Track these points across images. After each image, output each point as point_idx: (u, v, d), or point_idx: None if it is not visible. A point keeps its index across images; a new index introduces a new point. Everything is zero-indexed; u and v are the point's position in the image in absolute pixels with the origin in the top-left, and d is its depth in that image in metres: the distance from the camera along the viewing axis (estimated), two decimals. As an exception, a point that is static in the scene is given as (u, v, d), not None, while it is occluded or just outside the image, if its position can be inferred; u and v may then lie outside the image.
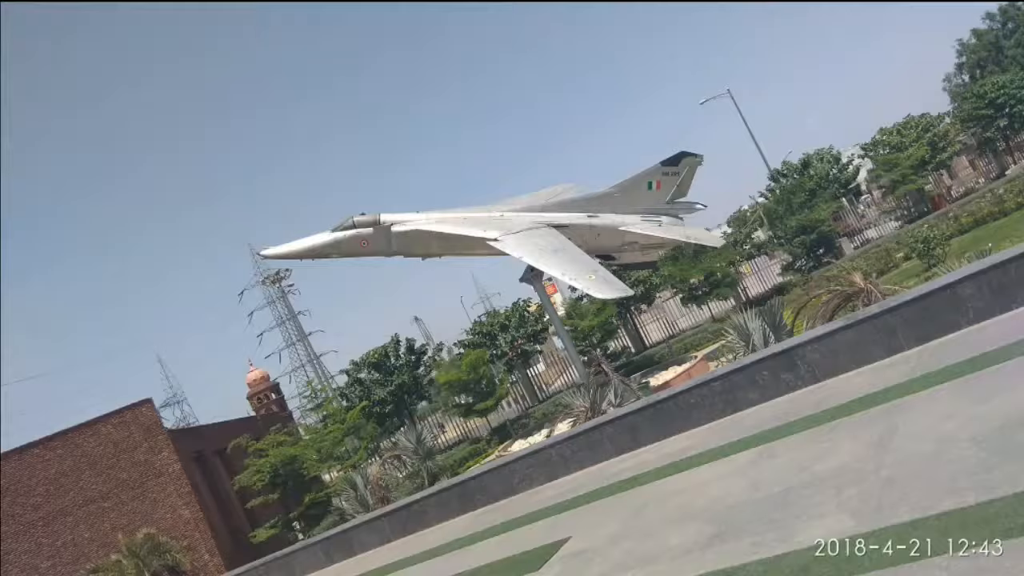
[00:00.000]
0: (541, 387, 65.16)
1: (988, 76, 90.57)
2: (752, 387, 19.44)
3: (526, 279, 35.82)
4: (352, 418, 48.37)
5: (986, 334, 15.70)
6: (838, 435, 14.49)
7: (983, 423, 11.87)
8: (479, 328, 60.05)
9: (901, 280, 38.11)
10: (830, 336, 18.37)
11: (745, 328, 27.25)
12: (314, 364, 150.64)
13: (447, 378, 49.49)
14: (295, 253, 34.07)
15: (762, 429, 17.10)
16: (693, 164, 36.46)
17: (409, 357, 59.92)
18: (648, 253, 37.79)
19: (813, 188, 67.94)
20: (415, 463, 41.01)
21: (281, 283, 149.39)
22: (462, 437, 62.53)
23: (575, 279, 30.48)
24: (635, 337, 63.46)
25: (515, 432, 51.57)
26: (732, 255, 57.58)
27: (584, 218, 35.63)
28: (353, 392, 58.82)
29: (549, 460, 23.65)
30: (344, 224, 33.57)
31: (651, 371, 47.13)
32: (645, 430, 21.50)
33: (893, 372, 16.39)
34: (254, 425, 61.05)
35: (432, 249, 34.91)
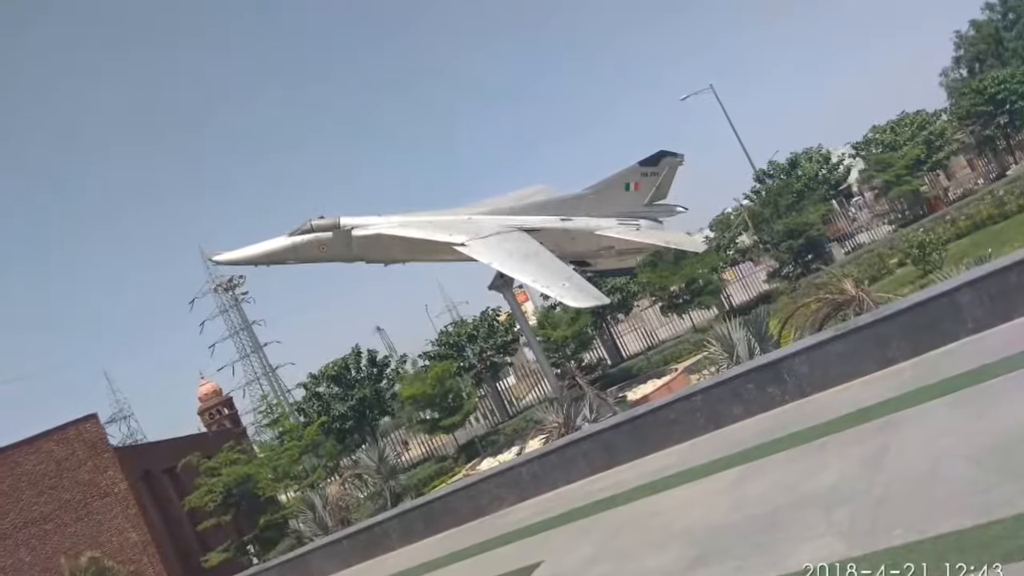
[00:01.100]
0: (511, 402, 65.26)
1: (988, 70, 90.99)
2: (736, 401, 19.41)
3: (495, 286, 35.79)
4: (310, 435, 48.26)
5: (985, 345, 15.68)
6: (828, 453, 14.47)
7: (982, 440, 11.85)
8: (445, 339, 60.02)
9: (895, 288, 38.22)
10: (819, 347, 18.35)
11: (729, 339, 27.26)
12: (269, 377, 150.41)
13: (411, 392, 49.30)
14: (249, 259, 33.92)
15: (747, 446, 17.07)
16: (673, 164, 36.48)
17: (371, 370, 59.82)
18: (625, 259, 37.81)
19: (801, 189, 68.23)
20: (377, 483, 40.90)
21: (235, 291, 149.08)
22: (427, 455, 62.57)
23: (547, 286, 30.47)
24: (611, 348, 63.51)
25: (484, 449, 51.53)
26: (715, 261, 57.65)
27: (557, 221, 35.61)
28: (311, 407, 58.71)
29: (520, 479, 23.57)
30: (302, 228, 33.45)
31: (628, 384, 47.17)
32: (622, 447, 21.45)
33: (886, 385, 16.37)
34: (206, 442, 60.83)
35: (395, 255, 34.84)
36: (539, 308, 64.56)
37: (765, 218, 64.48)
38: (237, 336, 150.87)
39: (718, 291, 57.38)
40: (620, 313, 62.07)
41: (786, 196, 65.13)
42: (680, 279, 53.00)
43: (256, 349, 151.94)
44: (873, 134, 79.94)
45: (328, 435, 53.88)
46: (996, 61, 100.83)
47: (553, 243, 34.21)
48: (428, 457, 61.86)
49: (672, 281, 53.27)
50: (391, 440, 64.80)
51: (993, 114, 76.72)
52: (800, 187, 68.95)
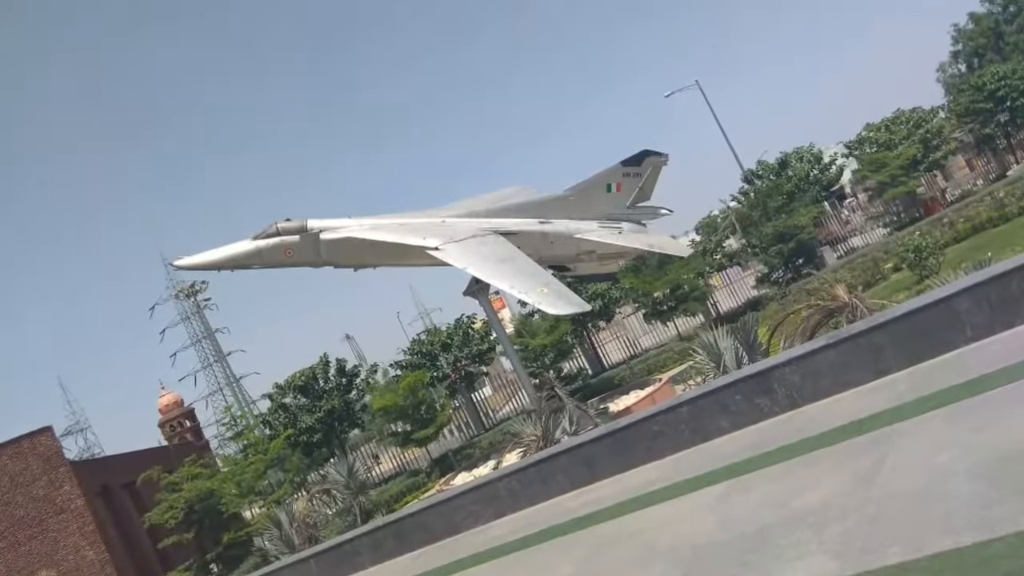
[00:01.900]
0: (487, 413, 65.27)
1: (987, 65, 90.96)
2: (723, 413, 19.36)
3: (470, 292, 35.79)
4: (276, 448, 48.14)
5: (985, 354, 15.61)
6: (819, 467, 14.43)
7: (981, 454, 11.81)
8: (418, 347, 60.03)
9: (890, 294, 38.39)
10: (810, 356, 18.31)
11: (715, 347, 27.27)
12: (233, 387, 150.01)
13: (382, 403, 49.24)
14: (212, 263, 33.85)
15: (734, 460, 17.01)
16: (657, 164, 36.57)
17: (340, 380, 59.73)
18: (607, 263, 37.87)
19: (791, 191, 68.30)
20: (346, 498, 40.89)
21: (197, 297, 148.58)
22: (399, 469, 62.53)
23: (525, 292, 30.43)
24: (592, 357, 63.60)
25: (458, 464, 51.46)
26: (701, 266, 57.73)
27: (535, 224, 35.64)
28: (277, 419, 58.52)
29: (496, 495, 23.49)
30: (267, 231, 33.42)
31: (610, 395, 47.14)
32: (603, 461, 21.38)
33: (881, 396, 16.33)
34: (166, 456, 60.75)
35: (365, 259, 34.81)
36: (516, 315, 64.57)
37: (753, 221, 64.60)
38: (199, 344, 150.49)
39: (704, 297, 57.45)
40: (601, 321, 62.13)
41: (776, 198, 65.17)
42: (664, 285, 53.04)
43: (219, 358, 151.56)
44: (867, 132, 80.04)
45: (295, 448, 53.73)
46: (996, 56, 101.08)
47: (531, 247, 34.23)
48: (400, 472, 61.79)
49: (656, 287, 53.29)
50: (361, 454, 64.67)
51: (993, 111, 76.73)
52: (790, 188, 69.03)
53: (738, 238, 71.40)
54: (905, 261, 44.01)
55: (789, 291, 52.13)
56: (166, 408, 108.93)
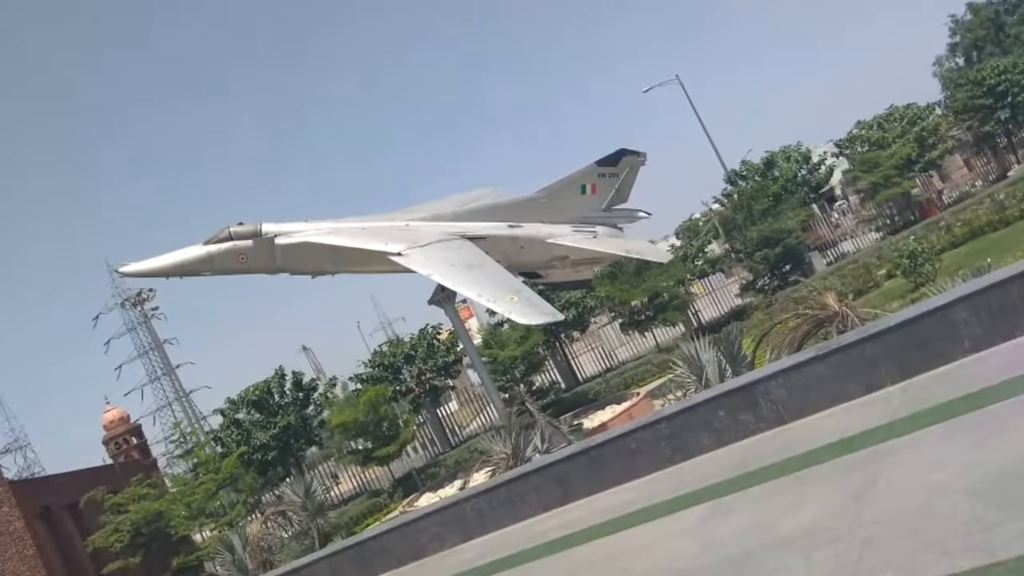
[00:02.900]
0: (454, 430, 65.24)
1: (987, 59, 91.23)
2: (705, 430, 19.33)
3: (435, 301, 35.79)
4: (228, 467, 47.99)
5: (984, 366, 15.62)
6: (808, 487, 14.40)
7: (981, 472, 11.79)
8: (380, 359, 59.94)
9: (883, 302, 38.41)
10: (798, 369, 18.30)
11: (697, 360, 27.30)
12: (183, 402, 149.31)
13: (341, 419, 49.11)
14: (160, 270, 33.75)
15: (717, 480, 16.99)
16: (635, 164, 36.59)
17: (296, 394, 59.61)
18: (581, 270, 37.91)
19: (778, 192, 68.29)
20: (303, 520, 40.78)
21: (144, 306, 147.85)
22: (359, 489, 62.42)
23: (494, 301, 30.39)
24: (565, 370, 63.57)
25: (423, 483, 51.33)
26: (681, 272, 57.82)
27: (505, 228, 35.61)
28: (229, 436, 58.34)
29: (463, 517, 23.43)
30: (219, 236, 33.31)
31: (585, 411, 47.15)
32: (577, 481, 21.33)
33: (873, 412, 16.32)
34: (112, 475, 60.43)
35: (323, 265, 34.77)
36: (484, 325, 64.57)
37: (737, 224, 64.67)
38: (146, 356, 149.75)
39: (685, 306, 57.57)
40: (575, 331, 62.16)
41: (761, 200, 65.20)
42: (642, 293, 53.10)
43: (168, 371, 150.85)
44: (858, 130, 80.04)
45: (248, 467, 53.58)
46: (996, 48, 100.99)
47: (500, 253, 34.22)
48: (360, 492, 61.66)
49: (633, 295, 53.35)
50: (319, 473, 64.50)
51: (993, 108, 76.34)
52: (777, 190, 68.99)
53: (721, 243, 71.49)
54: (899, 267, 44.08)
55: (775, 299, 52.17)
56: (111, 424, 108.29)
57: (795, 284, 51.46)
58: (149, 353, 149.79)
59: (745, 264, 63.49)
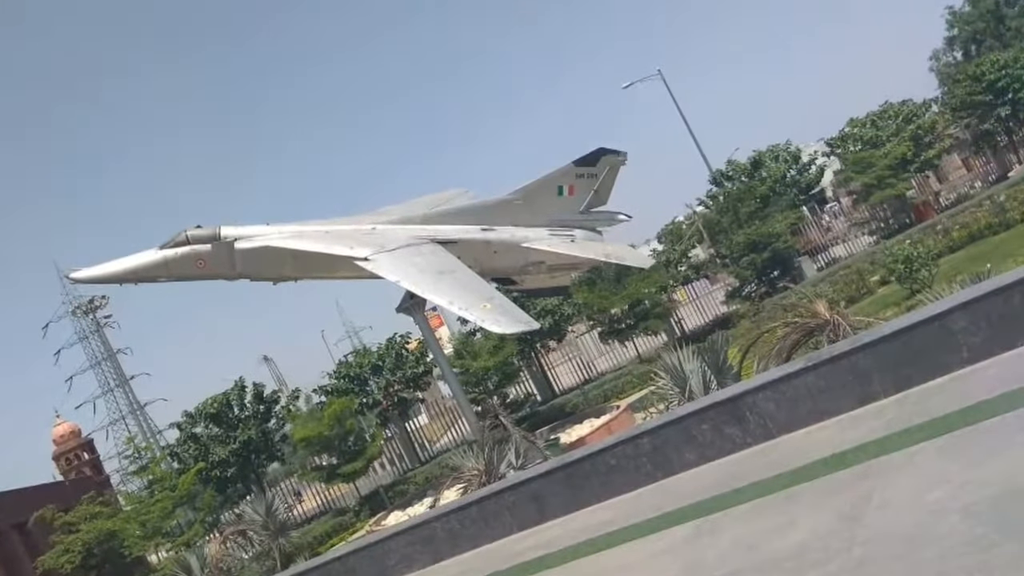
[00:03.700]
0: (423, 444, 65.15)
1: (986, 53, 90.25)
2: (689, 445, 19.28)
3: (404, 308, 35.73)
4: (185, 484, 47.82)
5: (983, 378, 15.56)
6: (798, 505, 14.37)
7: (980, 490, 11.75)
8: (345, 370, 59.85)
9: (877, 310, 38.56)
10: (787, 381, 18.24)
11: (680, 370, 27.23)
12: (137, 416, 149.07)
13: (305, 433, 48.98)
14: (114, 276, 33.62)
15: (702, 497, 16.95)
16: (614, 164, 36.59)
17: (257, 407, 59.49)
18: (558, 276, 37.88)
19: (766, 194, 68.39)
20: (265, 540, 40.62)
21: (96, 314, 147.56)
22: (324, 507, 62.33)
23: (466, 308, 30.37)
24: (541, 381, 63.55)
25: (391, 501, 51.32)
26: (664, 278, 57.89)
27: (478, 232, 35.57)
28: (186, 451, 58.20)
29: (433, 536, 23.37)
30: (176, 240, 33.20)
31: (562, 424, 47.13)
32: (554, 499, 21.28)
33: (866, 426, 16.28)
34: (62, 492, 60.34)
35: (285, 271, 34.66)
36: (456, 334, 64.62)
37: (723, 228, 64.73)
38: (99, 367, 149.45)
39: (667, 314, 57.61)
40: (552, 340, 62.10)
41: (748, 202, 65.29)
42: (623, 300, 53.12)
43: (121, 382, 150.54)
44: (850, 128, 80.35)
45: (207, 484, 53.49)
46: (996, 42, 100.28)
47: (472, 257, 34.18)
48: (325, 510, 61.57)
49: (613, 302, 53.37)
50: (281, 490, 64.38)
51: (992, 105, 75.37)
52: (764, 191, 69.09)
53: (706, 247, 71.64)
54: (894, 273, 44.18)
55: (763, 307, 52.34)
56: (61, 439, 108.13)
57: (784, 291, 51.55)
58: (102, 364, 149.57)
59: (731, 270, 63.49)
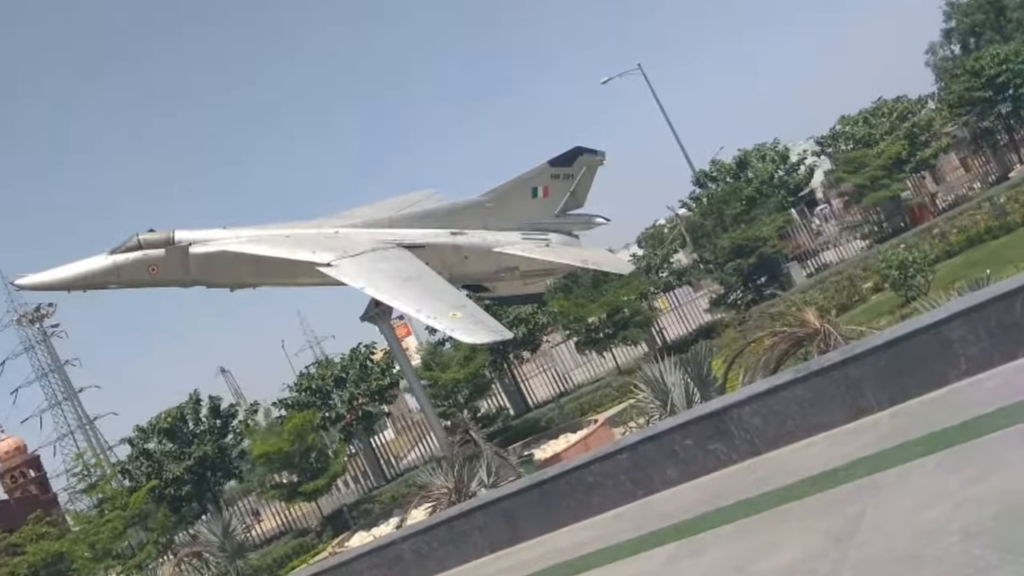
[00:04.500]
0: (389, 461, 65.11)
1: (986, 46, 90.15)
2: (671, 461, 19.22)
3: (369, 317, 35.66)
4: (137, 502, 47.69)
5: (983, 391, 15.42)
6: (785, 525, 14.31)
7: (979, 509, 11.67)
8: (307, 382, 59.69)
9: (870, 319, 38.65)
10: (775, 393, 18.17)
11: (661, 383, 27.24)
12: (86, 430, 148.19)
13: (264, 449, 48.85)
14: (62, 283, 33.44)
15: (684, 517, 16.89)
16: (592, 164, 36.57)
17: (213, 421, 59.39)
18: (532, 282, 37.85)
19: (752, 195, 68.46)
20: (221, 562, 40.59)
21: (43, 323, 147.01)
22: (284, 527, 62.18)
23: (434, 317, 30.27)
24: (515, 394, 63.54)
25: (355, 521, 51.13)
26: (644, 285, 57.93)
27: (447, 236, 35.52)
28: (139, 468, 58.03)
29: (400, 559, 23.29)
30: (127, 244, 32.99)
31: (536, 440, 47.09)
32: (528, 519, 21.20)
33: (859, 441, 16.21)
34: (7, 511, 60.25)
35: (243, 277, 34.54)
36: (424, 344, 64.40)
37: (707, 231, 64.77)
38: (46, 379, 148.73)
39: (648, 323, 57.63)
40: (526, 351, 62.05)
41: (733, 204, 65.22)
42: (600, 308, 53.13)
43: (70, 395, 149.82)
44: (842, 126, 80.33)
45: (160, 503, 53.33)
46: (996, 35, 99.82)
47: (441, 263, 34.12)
48: (285, 530, 61.39)
49: (590, 311, 53.38)
50: (239, 509, 64.07)
51: (992, 101, 74.88)
52: (751, 192, 69.18)
53: (688, 252, 71.66)
54: (888, 279, 44.17)
55: (749, 315, 52.43)
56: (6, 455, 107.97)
57: (771, 298, 51.88)
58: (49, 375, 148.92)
59: (715, 276, 63.56)
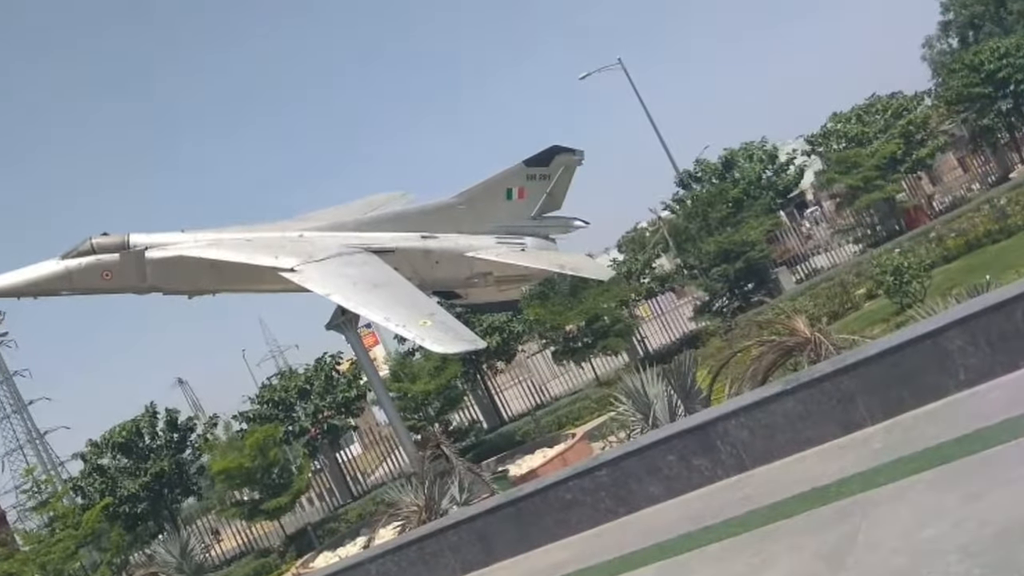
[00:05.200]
0: (356, 477, 64.99)
1: (985, 39, 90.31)
2: (653, 478, 19.19)
3: (335, 325, 35.56)
4: (90, 521, 47.53)
5: (982, 403, 15.38)
6: (774, 545, 14.29)
7: (977, 528, 11.66)
8: (269, 394, 59.54)
9: (863, 327, 38.61)
10: (763, 406, 18.13)
11: (643, 395, 27.20)
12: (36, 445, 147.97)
13: (224, 465, 48.62)
14: (10, 290, 33.30)
15: (668, 536, 16.86)
16: (570, 164, 36.51)
17: (170, 435, 59.18)
18: (507, 289, 37.78)
19: (739, 197, 68.48)
20: (179, 585, 40.37)
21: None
22: (245, 547, 61.97)
23: (403, 325, 30.15)
24: (488, 407, 63.51)
25: (320, 541, 51.08)
26: (625, 292, 57.91)
27: (417, 240, 35.44)
28: (92, 484, 57.80)
29: (367, 581, 23.25)
30: (79, 249, 32.78)
31: (511, 455, 47.11)
32: (502, 538, 21.16)
33: (851, 456, 16.19)
34: (-48, 532, 59.81)
35: (202, 283, 34.39)
36: (393, 354, 64.28)
37: (691, 235, 64.83)
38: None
39: (629, 332, 57.59)
40: (500, 361, 62.01)
41: (719, 206, 65.28)
42: (579, 316, 53.10)
43: (19, 408, 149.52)
44: (833, 124, 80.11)
45: (114, 521, 53.12)
46: (996, 28, 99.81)
47: (411, 268, 34.06)
48: (246, 551, 61.17)
49: (568, 319, 53.34)
50: (197, 528, 63.94)
51: (992, 97, 74.61)
52: (737, 194, 69.21)
53: (672, 257, 71.70)
54: (882, 286, 44.28)
55: (736, 324, 52.51)
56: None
57: (759, 305, 51.75)
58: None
59: (700, 282, 63.64)
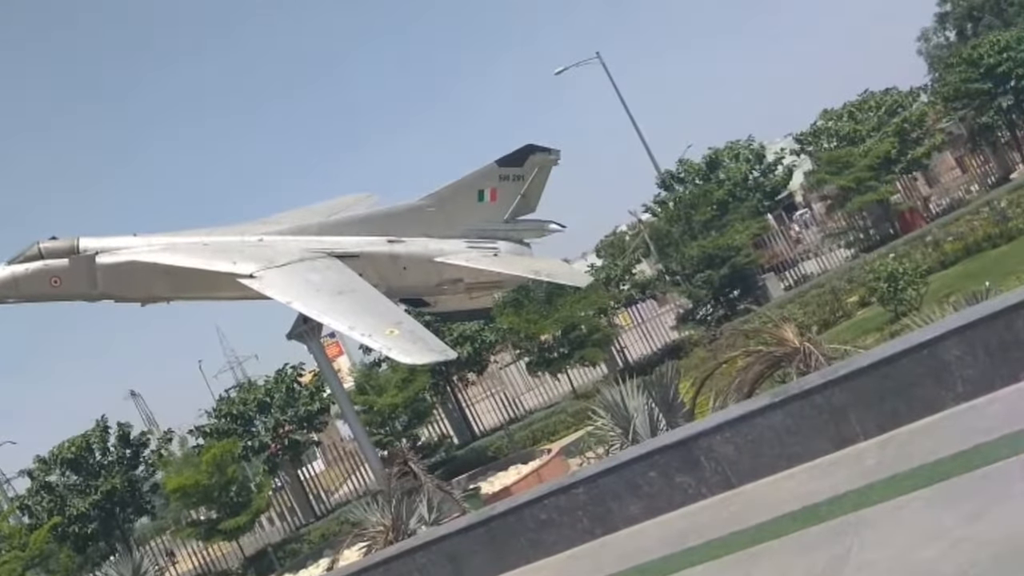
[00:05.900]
0: (319, 495, 64.87)
1: (984, 32, 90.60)
2: (633, 496, 19.16)
3: (297, 335, 35.45)
4: (37, 542, 47.42)
5: (981, 417, 15.42)
6: (761, 567, 14.28)
7: (977, 549, 11.65)
8: (227, 408, 59.40)
9: (855, 336, 38.72)
10: (749, 420, 18.12)
11: (622, 408, 27.15)
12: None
13: (179, 482, 48.60)
14: (-46, 297, 33.13)
15: (648, 558, 16.84)
16: (545, 164, 36.47)
17: (123, 451, 58.97)
18: (478, 296, 37.73)
19: (724, 199, 68.53)
20: (131, 609, 40.26)
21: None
22: (202, 569, 61.85)
23: (369, 335, 30.11)
24: (459, 421, 63.45)
25: (281, 563, 51.08)
26: (603, 299, 57.90)
27: (384, 244, 35.36)
28: (39, 503, 57.56)
29: (331, 605, 23.25)
30: (26, 253, 32.60)
31: (483, 472, 47.14)
32: (473, 560, 21.14)
33: (843, 473, 16.20)
34: None
35: (156, 289, 34.23)
36: (358, 365, 64.23)
37: (673, 239, 64.87)
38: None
39: (607, 341, 57.61)
40: (471, 372, 61.94)
41: (703, 209, 65.29)
42: (555, 325, 53.13)
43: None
44: (824, 122, 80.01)
45: (63, 542, 53.00)
46: (996, 19, 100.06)
47: (377, 274, 33.98)
48: (203, 573, 61.11)
49: (544, 328, 53.35)
50: (151, 549, 63.74)
51: (992, 94, 73.90)
52: (722, 196, 69.29)
53: (653, 263, 71.76)
54: (875, 293, 44.31)
55: (721, 333, 52.29)
56: None
57: (745, 314, 51.85)
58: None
59: (683, 289, 63.68)
